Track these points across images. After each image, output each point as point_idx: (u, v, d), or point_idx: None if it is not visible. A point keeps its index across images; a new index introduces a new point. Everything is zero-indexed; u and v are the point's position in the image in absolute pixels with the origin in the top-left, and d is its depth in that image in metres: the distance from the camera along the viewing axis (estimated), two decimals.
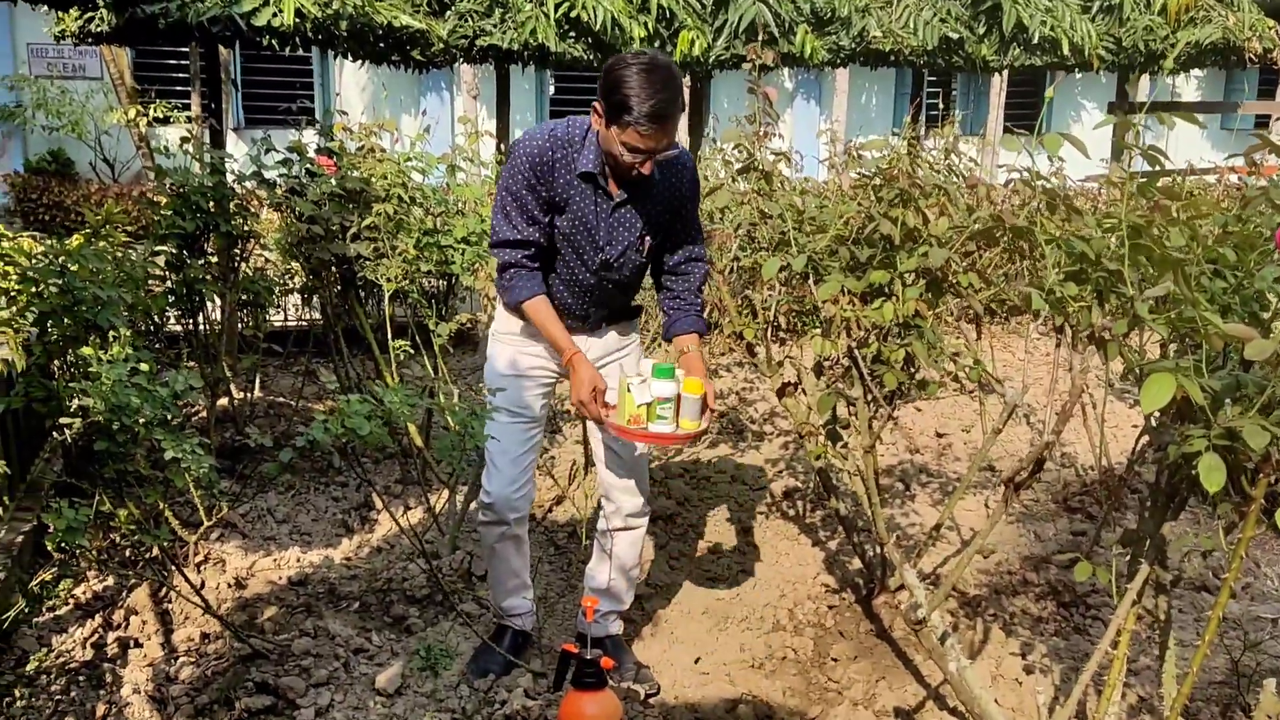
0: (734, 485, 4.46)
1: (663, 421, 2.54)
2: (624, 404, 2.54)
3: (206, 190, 3.72)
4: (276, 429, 5.01)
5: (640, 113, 2.34)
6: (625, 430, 2.56)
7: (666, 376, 2.54)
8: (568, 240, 2.64)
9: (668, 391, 2.53)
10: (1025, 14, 6.27)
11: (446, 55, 5.41)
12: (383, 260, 3.32)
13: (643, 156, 2.43)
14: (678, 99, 2.40)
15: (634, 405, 2.52)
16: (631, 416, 2.53)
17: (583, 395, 2.57)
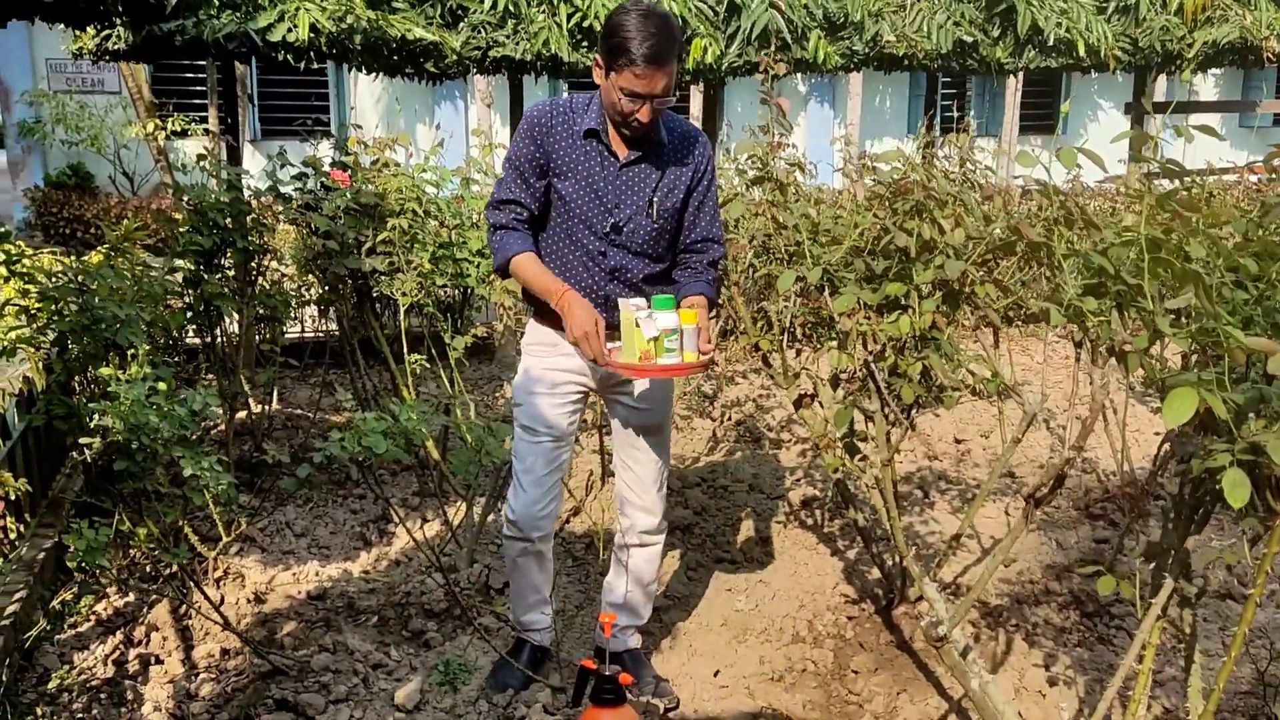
0: (752, 494, 4.45)
1: (671, 354, 2.50)
2: (633, 340, 2.48)
3: (223, 206, 3.74)
4: (294, 441, 5.03)
5: (636, 54, 2.40)
6: (636, 368, 2.51)
7: (669, 308, 2.50)
8: (575, 206, 2.63)
9: (672, 323, 2.49)
10: (1040, 16, 6.24)
11: (460, 67, 5.42)
12: (398, 275, 3.32)
13: (640, 101, 2.46)
14: (674, 45, 2.45)
15: (644, 340, 2.48)
16: (643, 353, 2.48)
17: (584, 328, 2.48)
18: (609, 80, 2.49)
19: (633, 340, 2.47)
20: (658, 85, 2.45)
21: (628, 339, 2.49)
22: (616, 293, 2.69)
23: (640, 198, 2.64)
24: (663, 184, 2.66)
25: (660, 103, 2.50)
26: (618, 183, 2.62)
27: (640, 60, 2.40)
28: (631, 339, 2.47)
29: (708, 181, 2.79)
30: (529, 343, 2.85)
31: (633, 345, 2.47)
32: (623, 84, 2.45)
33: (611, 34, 2.46)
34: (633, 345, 2.47)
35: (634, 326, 2.45)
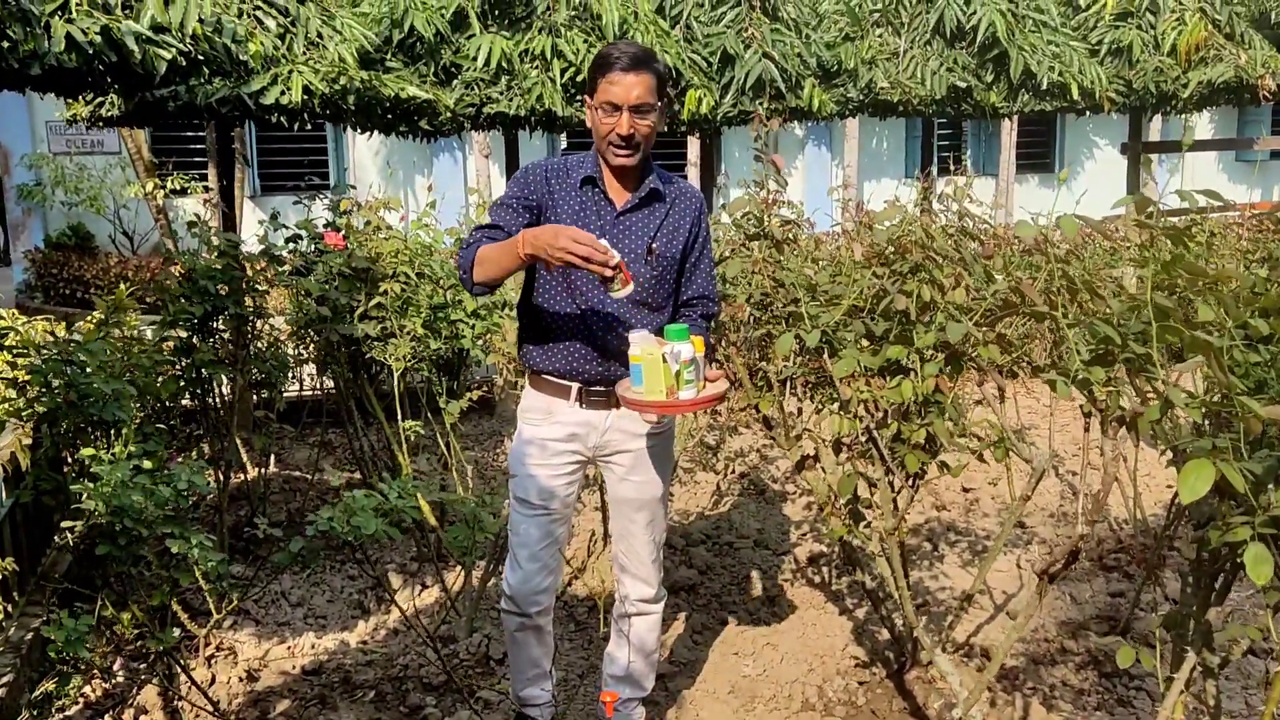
0: (757, 550, 4.36)
1: (690, 386, 2.44)
2: (659, 376, 2.39)
3: (215, 273, 3.70)
4: (291, 505, 4.96)
5: (611, 62, 2.47)
6: (665, 405, 2.43)
7: (684, 338, 2.43)
8: None
9: (690, 353, 2.42)
10: (1032, 60, 6.25)
11: (454, 124, 5.42)
12: (391, 339, 3.27)
13: (617, 113, 2.49)
14: (649, 58, 2.52)
15: (670, 375, 2.41)
16: (669, 388, 2.41)
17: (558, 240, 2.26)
18: (593, 107, 2.54)
19: (659, 376, 2.41)
20: (632, 93, 2.47)
21: (652, 375, 2.42)
22: (615, 344, 2.65)
23: (638, 244, 2.61)
24: (661, 231, 2.65)
25: (638, 119, 2.50)
26: (615, 230, 2.60)
27: (615, 67, 2.47)
28: (658, 375, 2.41)
29: (704, 239, 2.78)
30: (524, 409, 2.79)
31: (658, 381, 2.41)
32: (600, 98, 2.50)
33: (593, 67, 2.57)
34: (658, 381, 2.41)
35: (661, 362, 2.40)
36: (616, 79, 2.47)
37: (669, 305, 2.75)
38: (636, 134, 2.51)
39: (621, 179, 2.64)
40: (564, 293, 2.64)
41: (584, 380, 2.68)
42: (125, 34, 3.35)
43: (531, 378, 2.78)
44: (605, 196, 2.62)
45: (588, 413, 2.70)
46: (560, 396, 2.71)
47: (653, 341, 2.46)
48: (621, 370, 2.67)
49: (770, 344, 2.68)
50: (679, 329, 2.47)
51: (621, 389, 2.58)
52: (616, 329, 2.65)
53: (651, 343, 2.45)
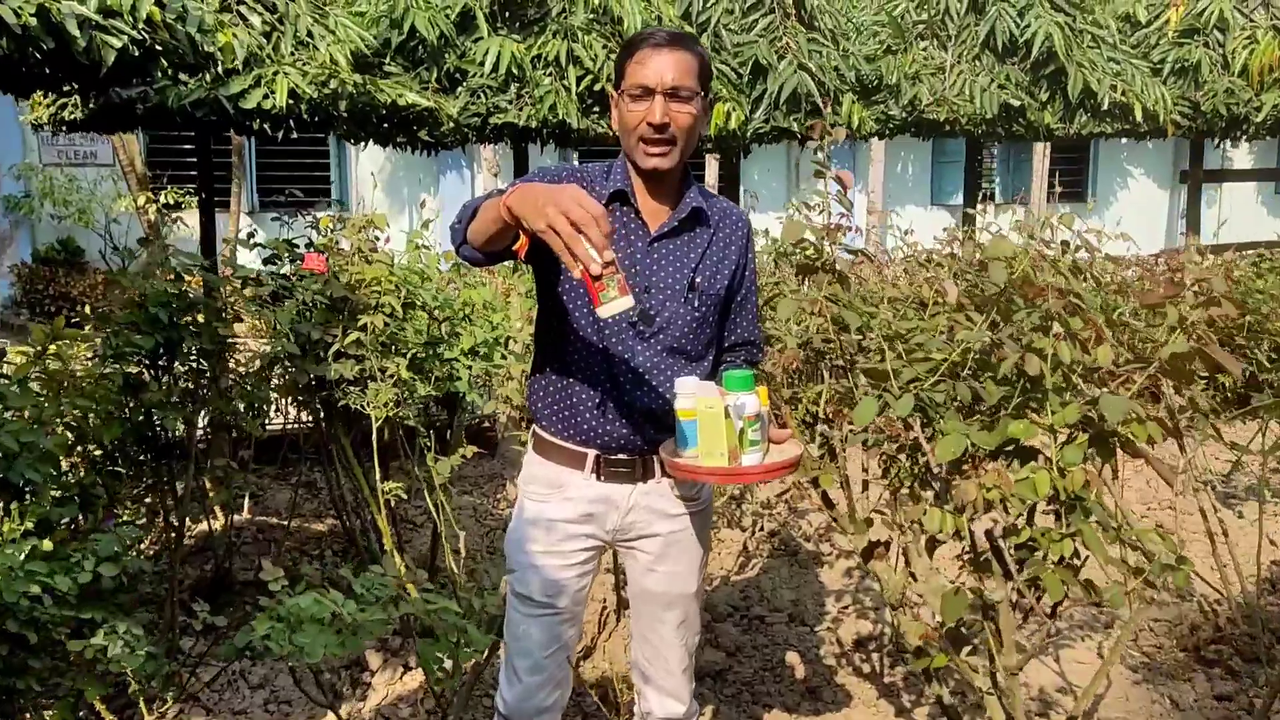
0: (793, 627, 3.79)
1: (755, 448, 1.91)
2: (721, 435, 1.85)
3: (169, 298, 3.16)
4: (265, 555, 4.40)
5: (643, 40, 2.02)
6: (728, 472, 1.89)
7: (747, 387, 1.91)
8: None
9: (755, 406, 1.90)
10: (1092, 79, 5.71)
11: (457, 135, 4.90)
12: (370, 382, 2.73)
13: (648, 98, 1.98)
14: (691, 41, 2.05)
15: (733, 434, 1.87)
16: (731, 450, 1.87)
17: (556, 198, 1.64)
18: (621, 99, 2.03)
19: (719, 435, 1.85)
20: (667, 75, 1.97)
21: (710, 434, 1.87)
22: (645, 400, 2.10)
23: (678, 277, 2.08)
24: (706, 262, 2.11)
25: (676, 106, 1.99)
26: (649, 259, 2.06)
27: (647, 43, 2.00)
28: (718, 434, 1.86)
29: (750, 273, 2.25)
30: (526, 481, 2.25)
31: (719, 442, 1.86)
32: (630, 81, 2.00)
33: (621, 48, 2.10)
34: (719, 442, 1.86)
35: (723, 417, 1.85)
36: (648, 57, 1.98)
37: (710, 354, 2.21)
38: (673, 125, 1.98)
39: (656, 193, 2.11)
40: (579, 340, 2.10)
41: (603, 446, 2.14)
42: (65, 16, 2.83)
43: (537, 441, 2.23)
44: (638, 216, 2.09)
45: (607, 487, 2.16)
46: (573, 466, 2.17)
47: (711, 391, 1.91)
48: (654, 434, 2.13)
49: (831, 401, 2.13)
50: (741, 376, 1.94)
51: (668, 452, 2.03)
52: (648, 381, 2.10)
53: (710, 392, 1.91)
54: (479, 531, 4.83)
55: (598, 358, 2.10)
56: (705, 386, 1.92)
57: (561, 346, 2.13)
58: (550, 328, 2.15)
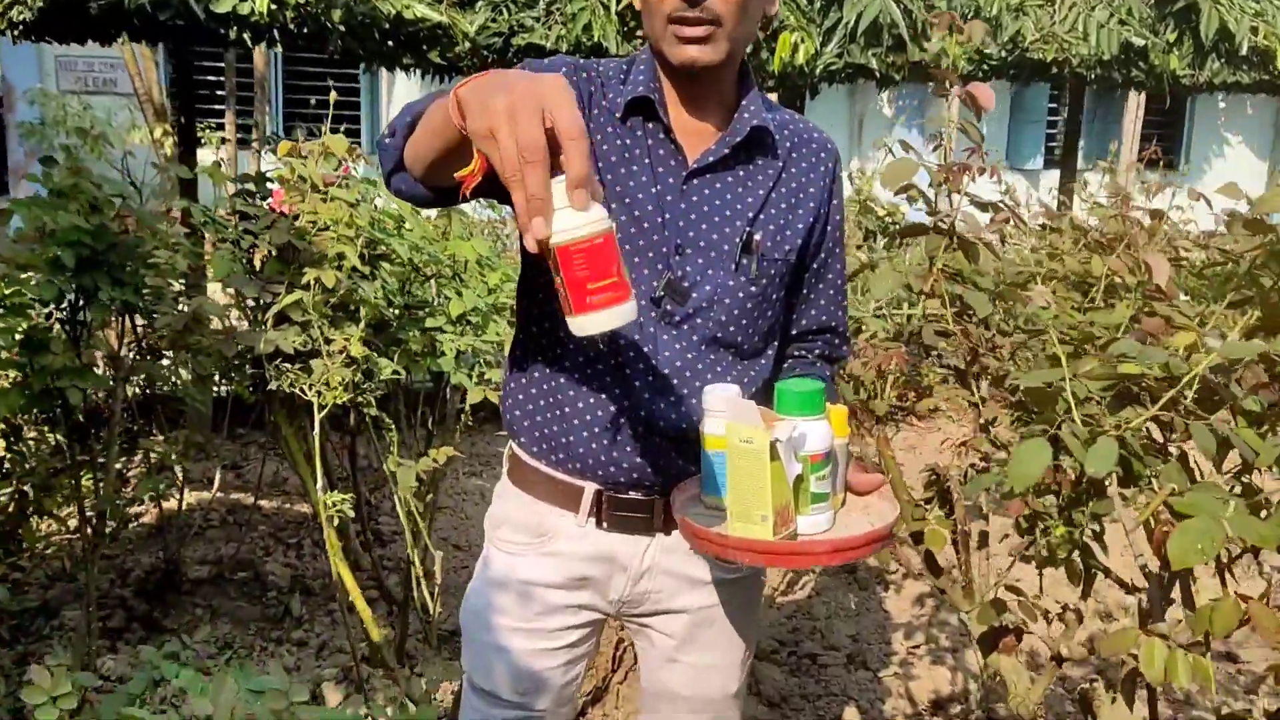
0: (853, 671, 3.08)
1: (821, 505, 1.19)
2: (757, 484, 1.11)
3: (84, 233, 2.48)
4: (232, 542, 3.77)
5: None
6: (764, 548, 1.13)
7: (812, 409, 1.18)
8: None
9: (825, 438, 1.18)
10: (1230, 18, 4.81)
11: (475, 58, 4.15)
12: (314, 360, 2.04)
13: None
14: None
15: (785, 483, 1.14)
16: (781, 510, 1.14)
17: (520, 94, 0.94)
18: None
19: (762, 487, 1.11)
20: None
21: (746, 485, 1.12)
22: (669, 414, 1.38)
23: (727, 233, 1.36)
24: (769, 210, 1.39)
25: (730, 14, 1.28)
26: (682, 204, 1.34)
27: None
28: (760, 485, 1.11)
29: (837, 228, 1.51)
30: (495, 523, 1.55)
31: (759, 497, 1.12)
32: None
33: None
34: (759, 497, 1.12)
35: (768, 459, 1.11)
36: None
37: (770, 348, 1.48)
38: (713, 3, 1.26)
39: (697, 104, 1.39)
40: None
41: (607, 480, 1.43)
42: None
43: (514, 466, 1.54)
44: (669, 137, 1.37)
45: (612, 539, 1.46)
46: (563, 506, 1.47)
47: (751, 413, 1.17)
48: (681, 464, 1.43)
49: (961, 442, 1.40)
50: (805, 391, 1.20)
51: (681, 504, 1.32)
52: (674, 386, 1.40)
53: (749, 415, 1.17)
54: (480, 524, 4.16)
55: (603, 351, 1.39)
56: (746, 408, 1.18)
57: (551, 332, 1.41)
58: (536, 303, 1.43)
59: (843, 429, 1.27)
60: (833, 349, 1.56)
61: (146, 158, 9.69)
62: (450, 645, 2.99)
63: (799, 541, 1.19)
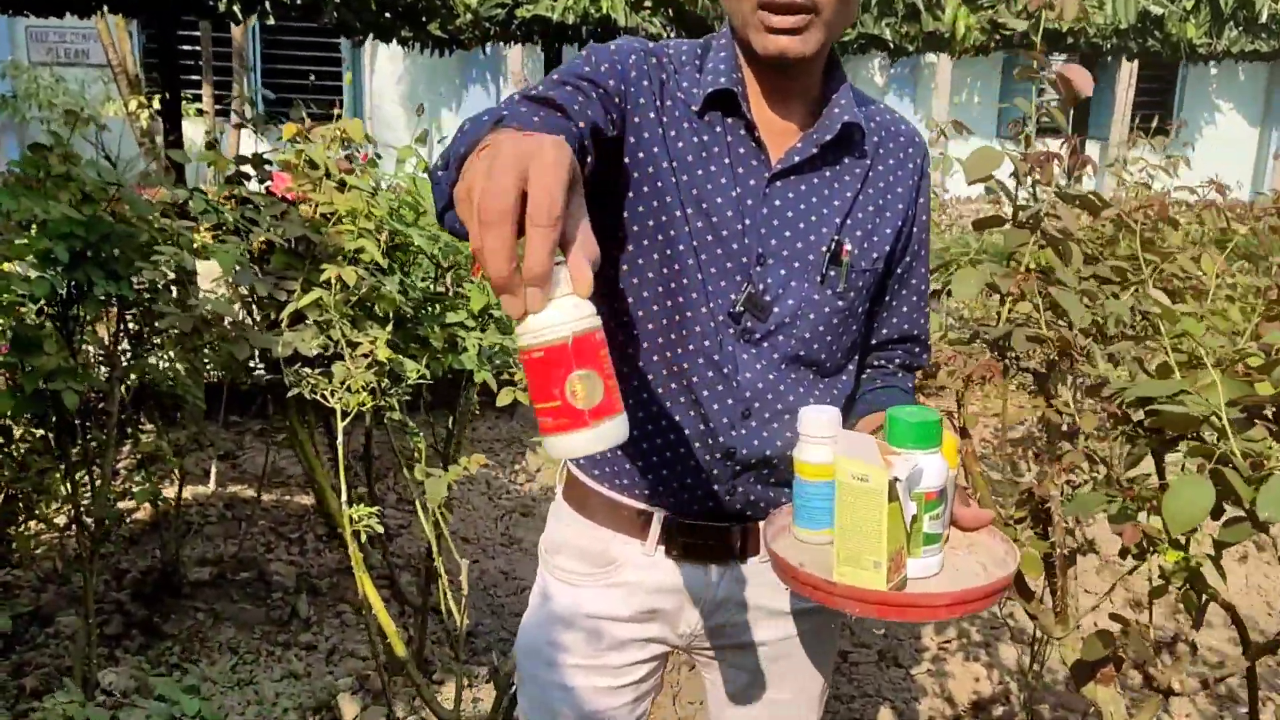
0: (885, 669, 2.98)
1: (933, 547, 1.05)
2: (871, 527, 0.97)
3: (76, 225, 2.32)
4: (232, 538, 3.62)
5: None
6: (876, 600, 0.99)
7: (928, 441, 1.04)
8: (670, 266, 1.21)
9: (941, 475, 1.04)
10: None
11: (476, 31, 3.96)
12: (336, 364, 1.90)
13: None
14: None
15: (902, 527, 1.00)
16: (895, 555, 1.00)
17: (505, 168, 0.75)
18: None
19: (877, 530, 0.97)
20: None
21: (859, 527, 0.98)
22: (746, 438, 1.26)
23: (813, 242, 1.23)
24: (857, 214, 1.26)
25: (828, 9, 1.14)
26: (763, 210, 1.21)
27: None
28: (874, 528, 0.97)
29: (923, 229, 1.38)
30: (553, 548, 1.42)
31: (874, 542, 0.97)
32: None
33: None
34: (874, 542, 0.97)
35: (885, 498, 0.96)
36: None
37: (851, 364, 1.36)
38: None
39: (783, 98, 1.24)
40: (656, 315, 1.26)
41: (678, 506, 1.31)
42: None
43: (571, 488, 1.41)
44: (751, 135, 1.23)
45: (682, 568, 1.34)
46: (628, 534, 1.34)
47: (867, 446, 1.03)
48: (760, 490, 1.31)
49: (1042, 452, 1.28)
50: (925, 421, 1.07)
51: (773, 536, 1.18)
52: (754, 408, 1.27)
53: (865, 449, 1.03)
54: (491, 515, 4.04)
55: (676, 369, 1.25)
56: (861, 441, 1.04)
57: (620, 344, 1.28)
58: (605, 311, 1.29)
59: (954, 459, 1.14)
60: (913, 358, 1.43)
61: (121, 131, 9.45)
62: (466, 649, 2.87)
63: (918, 594, 1.05)
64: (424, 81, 10.66)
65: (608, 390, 0.81)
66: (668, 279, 1.22)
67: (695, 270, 1.21)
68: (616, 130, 1.17)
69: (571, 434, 0.80)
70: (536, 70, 10.23)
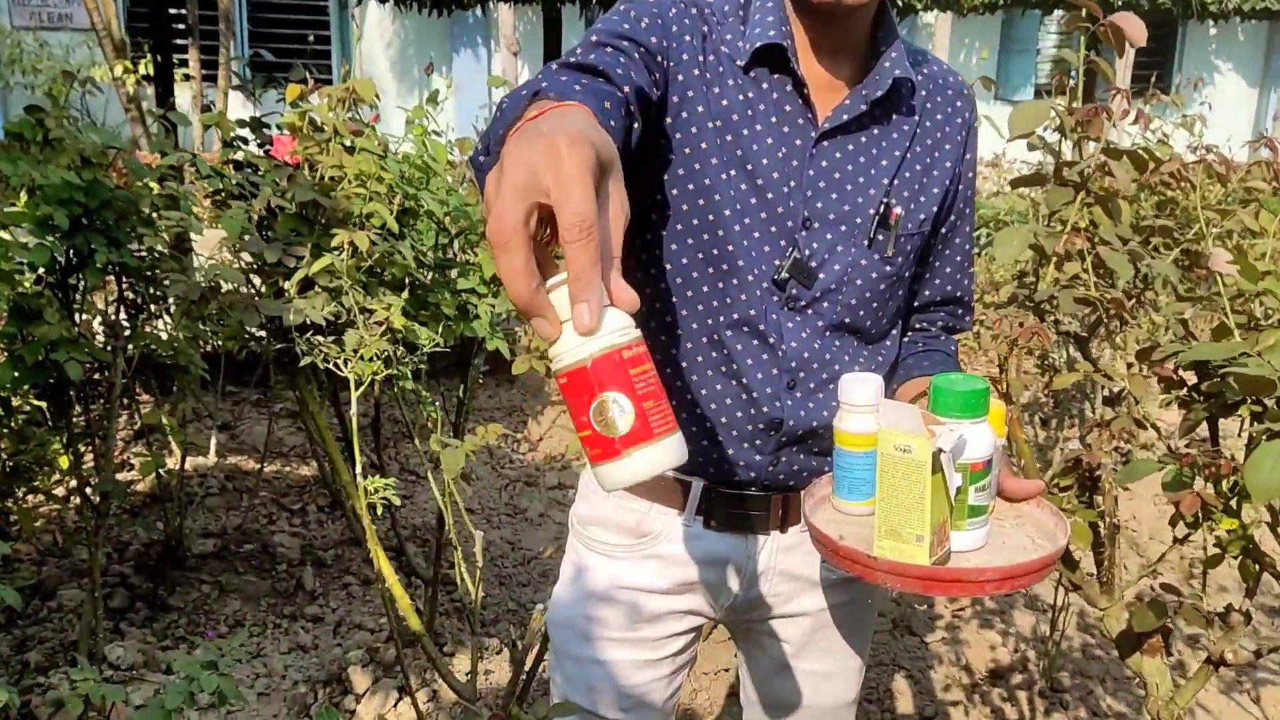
0: (899, 637, 2.95)
1: (978, 520, 1.01)
2: (914, 499, 0.92)
3: (76, 190, 2.24)
4: (233, 510, 3.57)
5: None
6: (919, 575, 0.94)
7: (975, 410, 0.99)
8: (712, 232, 1.15)
9: (988, 445, 0.99)
10: None
11: None
12: (348, 332, 1.84)
13: None
14: None
15: (945, 499, 0.95)
16: (939, 527, 0.96)
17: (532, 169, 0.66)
18: None
19: (921, 501, 0.92)
20: None
21: (904, 495, 0.93)
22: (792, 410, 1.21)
23: (860, 203, 1.17)
24: (905, 174, 1.20)
25: None
26: (810, 170, 1.15)
27: None
28: (918, 499, 0.92)
29: (969, 187, 1.33)
30: (586, 520, 1.37)
31: (916, 514, 0.92)
32: None
33: None
34: (916, 514, 0.92)
35: (929, 471, 0.91)
36: None
37: (897, 327, 1.31)
38: None
39: (832, 51, 1.18)
40: (696, 283, 1.20)
41: (718, 476, 1.26)
42: None
43: None
44: (799, 92, 1.17)
45: (722, 539, 1.30)
46: (666, 504, 1.29)
47: (911, 416, 0.98)
48: (802, 460, 1.26)
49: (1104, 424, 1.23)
50: (971, 390, 1.01)
51: (812, 508, 1.13)
52: (799, 376, 1.22)
53: (909, 418, 0.98)
54: (495, 484, 3.99)
55: (716, 338, 1.20)
56: (905, 411, 0.98)
57: (658, 313, 1.22)
58: (641, 280, 1.23)
59: (1001, 429, 1.09)
60: (956, 320, 1.38)
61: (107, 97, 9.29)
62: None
63: (963, 569, 1.00)
64: (414, 45, 10.50)
65: (641, 414, 0.71)
66: (709, 245, 1.16)
67: (739, 236, 1.15)
68: (660, 90, 1.11)
69: (607, 464, 0.72)
70: (528, 34, 10.08)
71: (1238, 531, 1.25)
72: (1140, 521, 3.65)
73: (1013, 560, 1.02)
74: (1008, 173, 6.08)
